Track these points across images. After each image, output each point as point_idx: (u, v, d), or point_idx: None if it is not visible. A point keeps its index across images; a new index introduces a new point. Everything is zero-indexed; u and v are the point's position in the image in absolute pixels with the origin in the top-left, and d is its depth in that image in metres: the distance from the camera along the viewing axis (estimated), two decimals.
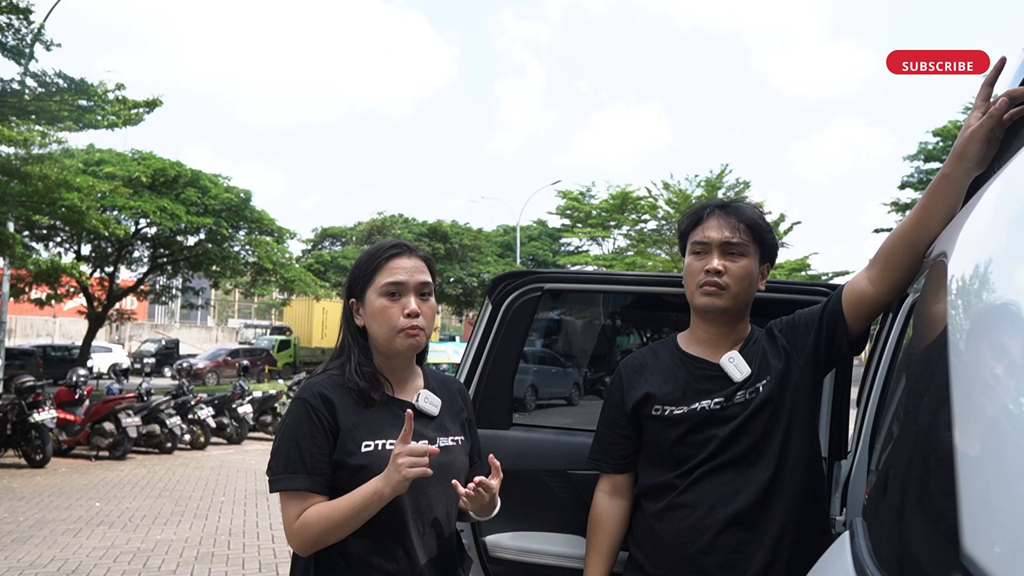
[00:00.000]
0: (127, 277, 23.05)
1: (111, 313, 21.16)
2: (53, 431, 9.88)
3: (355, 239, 35.99)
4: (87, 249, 19.85)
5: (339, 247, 36.49)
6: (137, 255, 21.78)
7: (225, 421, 12.13)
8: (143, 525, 6.79)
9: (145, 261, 21.76)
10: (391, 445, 1.57)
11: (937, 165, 23.36)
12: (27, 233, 17.25)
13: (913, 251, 1.53)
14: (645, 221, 30.31)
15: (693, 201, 26.03)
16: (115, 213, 17.93)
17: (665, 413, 1.79)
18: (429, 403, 1.68)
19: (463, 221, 36.61)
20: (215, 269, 21.47)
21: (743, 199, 1.97)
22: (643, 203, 29.37)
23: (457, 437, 1.71)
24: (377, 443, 1.58)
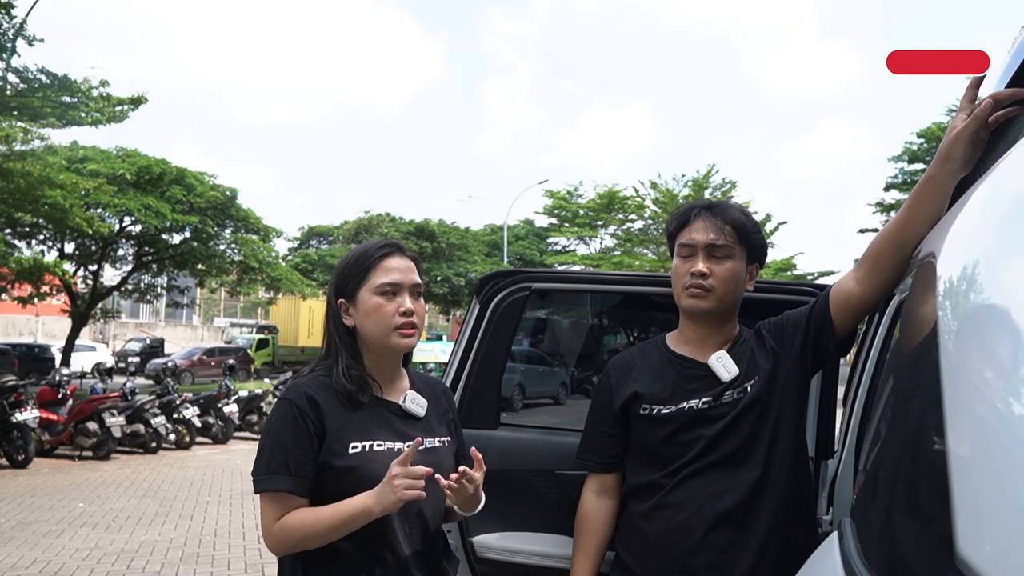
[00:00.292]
0: (111, 275, 22.87)
1: (95, 312, 20.97)
2: (35, 431, 9.76)
3: (342, 238, 35.84)
4: (71, 247, 19.67)
5: (326, 246, 36.32)
6: (122, 253, 21.60)
7: (211, 421, 12.04)
8: (127, 526, 6.73)
9: (130, 259, 21.59)
10: (379, 447, 1.58)
11: (921, 166, 23.56)
12: (9, 231, 17.06)
13: (900, 252, 1.54)
14: (632, 221, 30.41)
15: (680, 201, 26.12)
16: (99, 211, 17.78)
17: (653, 412, 1.79)
18: (416, 404, 1.68)
19: (450, 220, 36.53)
20: (200, 268, 21.34)
21: (729, 199, 1.98)
22: (630, 203, 29.46)
23: (443, 438, 1.71)
24: (364, 444, 1.58)
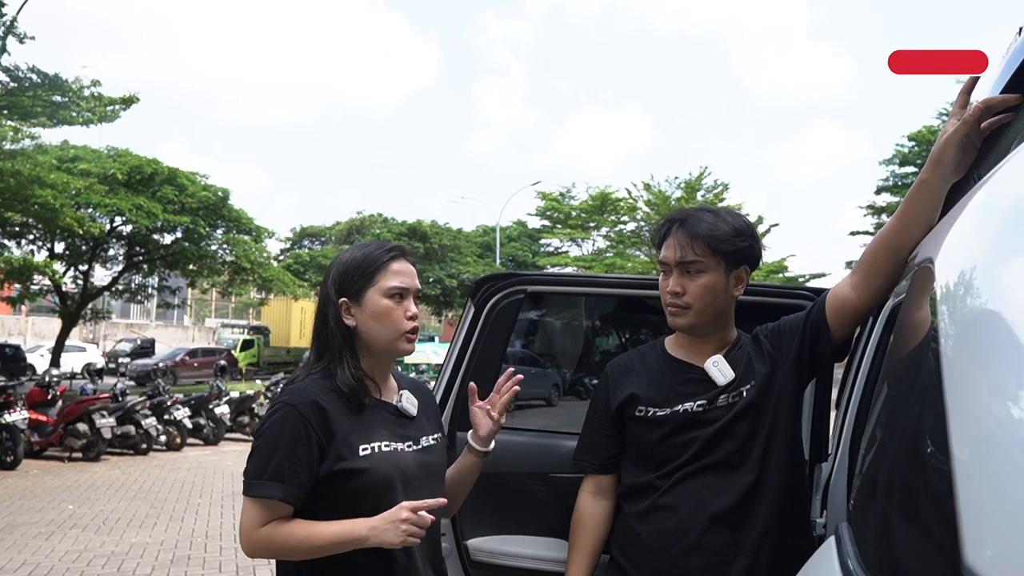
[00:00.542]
0: (102, 275, 22.70)
1: (85, 312, 20.82)
2: (24, 432, 9.69)
3: (334, 239, 35.73)
4: (61, 247, 19.54)
5: (318, 247, 36.20)
6: (112, 253, 21.46)
7: (202, 422, 11.97)
8: (117, 528, 6.69)
9: (120, 259, 21.46)
10: (386, 447, 1.60)
11: (912, 169, 23.67)
12: None
13: (895, 256, 1.54)
14: (624, 222, 30.49)
15: (672, 203, 26.16)
16: (90, 210, 17.66)
17: (648, 414, 1.80)
18: (410, 404, 1.71)
19: (442, 221, 36.56)
20: (192, 268, 21.25)
21: (721, 201, 1.98)
22: (623, 204, 29.54)
23: (436, 435, 1.75)
24: (373, 446, 1.58)
